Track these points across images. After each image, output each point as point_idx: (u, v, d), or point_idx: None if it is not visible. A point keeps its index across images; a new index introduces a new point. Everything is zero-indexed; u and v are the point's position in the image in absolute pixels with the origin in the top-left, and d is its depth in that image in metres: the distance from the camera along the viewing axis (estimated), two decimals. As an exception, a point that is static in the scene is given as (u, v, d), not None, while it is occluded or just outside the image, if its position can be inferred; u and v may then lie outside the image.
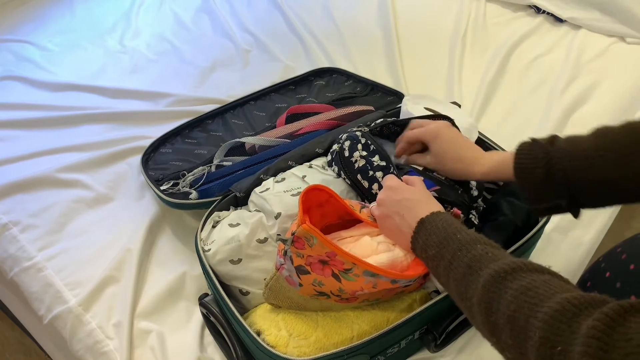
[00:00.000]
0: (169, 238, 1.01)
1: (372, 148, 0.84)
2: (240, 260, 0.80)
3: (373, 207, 0.74)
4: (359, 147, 0.85)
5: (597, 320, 0.42)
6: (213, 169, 1.03)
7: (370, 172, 0.83)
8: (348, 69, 1.31)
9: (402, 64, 1.39)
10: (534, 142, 0.67)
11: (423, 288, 0.79)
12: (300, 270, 0.68)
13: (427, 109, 0.98)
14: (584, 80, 1.31)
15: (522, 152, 0.67)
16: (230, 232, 0.81)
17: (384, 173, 0.82)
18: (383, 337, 0.70)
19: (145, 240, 0.98)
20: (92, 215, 1.05)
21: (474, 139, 0.95)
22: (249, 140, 1.05)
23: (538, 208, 0.68)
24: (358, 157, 0.84)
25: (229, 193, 0.89)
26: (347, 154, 0.85)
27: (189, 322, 0.89)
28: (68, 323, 0.89)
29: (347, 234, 0.75)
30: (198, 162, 1.07)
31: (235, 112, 1.21)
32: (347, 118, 1.07)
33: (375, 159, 0.83)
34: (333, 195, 0.74)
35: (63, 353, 1.07)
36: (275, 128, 1.10)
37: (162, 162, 1.08)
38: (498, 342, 0.51)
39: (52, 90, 1.35)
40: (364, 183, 0.83)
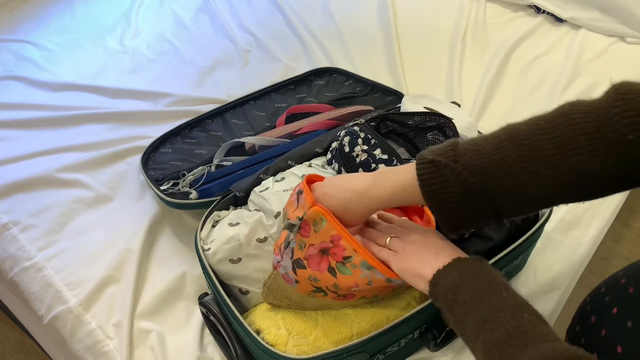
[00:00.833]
0: (169, 238, 1.01)
1: (372, 142, 0.84)
2: (240, 260, 0.80)
3: (392, 240, 0.66)
4: (359, 141, 0.84)
5: None
6: (213, 169, 1.03)
7: (373, 164, 0.82)
8: (348, 69, 1.31)
9: (402, 64, 1.39)
10: (434, 162, 0.57)
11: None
12: (297, 264, 0.68)
13: (427, 109, 0.98)
14: (584, 80, 1.31)
15: (425, 175, 0.58)
16: (230, 231, 0.81)
17: (387, 166, 0.82)
18: (382, 335, 0.70)
19: (145, 240, 0.98)
20: (92, 215, 1.05)
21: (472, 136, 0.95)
22: (249, 140, 1.05)
23: (460, 232, 0.61)
24: (359, 151, 0.84)
25: (229, 193, 0.89)
26: (347, 149, 0.85)
27: (189, 321, 0.89)
28: (68, 323, 0.89)
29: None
30: (198, 162, 1.07)
31: (235, 112, 1.21)
32: (346, 118, 1.07)
33: (377, 152, 0.83)
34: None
35: (63, 353, 1.07)
36: (275, 128, 1.10)
37: (162, 162, 1.09)
38: None
39: (52, 90, 1.35)
40: None
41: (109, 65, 1.45)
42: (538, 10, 1.55)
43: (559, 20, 1.51)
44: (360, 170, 0.83)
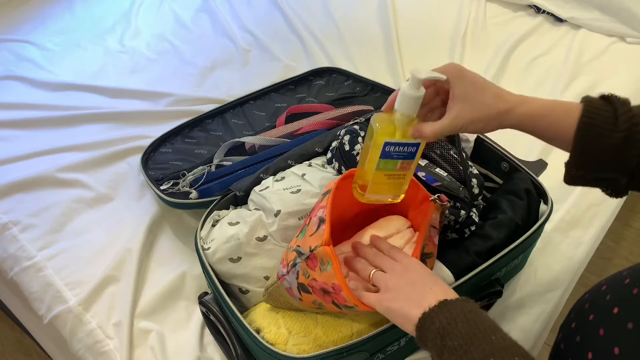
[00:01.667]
0: (169, 238, 1.01)
1: None
2: (240, 259, 0.80)
3: (375, 274, 0.64)
4: (359, 139, 0.84)
5: None
6: (213, 169, 1.03)
7: None
8: (348, 69, 1.31)
9: (402, 64, 1.39)
10: (610, 98, 0.56)
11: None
12: (302, 288, 0.68)
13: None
14: (584, 80, 1.31)
15: (593, 106, 0.56)
16: (230, 230, 0.81)
17: None
18: (382, 334, 0.69)
19: (145, 240, 0.98)
20: (92, 215, 1.05)
21: (474, 138, 0.95)
22: (249, 140, 1.05)
23: (585, 176, 0.58)
24: (360, 149, 0.84)
25: (229, 192, 0.89)
26: (347, 148, 0.85)
27: (189, 321, 0.89)
28: (68, 323, 0.89)
29: (347, 248, 0.72)
30: (198, 161, 1.07)
31: (235, 111, 1.21)
32: (346, 118, 1.07)
33: None
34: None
35: (63, 353, 1.07)
36: (275, 128, 1.10)
37: (162, 161, 1.09)
38: None
39: (52, 90, 1.35)
40: None
41: (109, 65, 1.45)
42: (538, 10, 1.55)
43: (559, 20, 1.51)
44: None
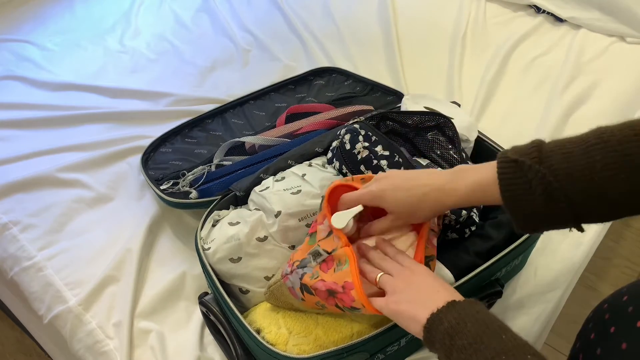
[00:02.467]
0: (169, 237, 1.01)
1: (373, 139, 0.84)
2: (240, 259, 0.80)
3: (382, 277, 0.65)
4: (360, 138, 0.84)
5: None
6: (213, 169, 1.03)
7: (375, 161, 0.82)
8: (348, 69, 1.31)
9: (402, 64, 1.39)
10: (518, 162, 0.56)
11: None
12: (305, 289, 0.68)
13: (427, 108, 0.98)
14: (584, 80, 1.31)
15: (507, 177, 0.57)
16: (230, 230, 0.81)
17: (389, 162, 0.82)
18: (383, 335, 0.69)
19: (145, 240, 0.98)
20: (92, 215, 1.05)
21: (474, 138, 0.95)
22: (249, 140, 1.05)
23: (536, 232, 0.61)
24: (361, 148, 0.83)
25: (229, 192, 0.89)
26: (348, 147, 0.85)
27: (189, 321, 0.89)
28: (68, 323, 0.89)
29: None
30: (198, 161, 1.07)
31: (235, 111, 1.21)
32: (346, 118, 1.07)
33: (379, 149, 0.83)
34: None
35: (63, 353, 1.07)
36: (275, 128, 1.10)
37: (162, 161, 1.09)
38: None
39: (52, 90, 1.35)
40: (368, 173, 0.82)
41: (109, 65, 1.45)
42: (538, 10, 1.55)
43: (559, 20, 1.51)
44: (362, 167, 0.83)
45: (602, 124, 0.57)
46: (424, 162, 0.90)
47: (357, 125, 0.87)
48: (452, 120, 0.90)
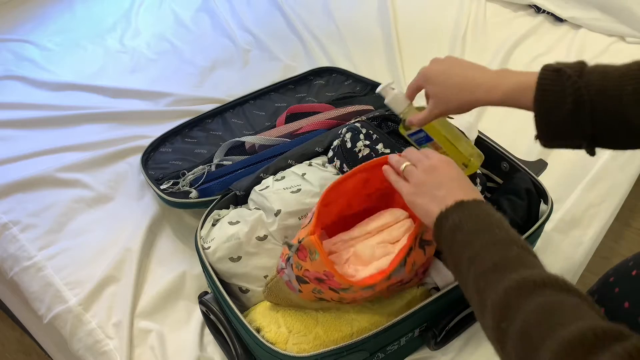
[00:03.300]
0: (169, 237, 1.01)
1: (374, 137, 0.84)
2: (240, 258, 0.80)
3: (407, 167, 0.67)
4: (361, 137, 0.84)
5: (616, 356, 0.39)
6: (213, 168, 1.03)
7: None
8: (348, 69, 1.31)
9: (402, 64, 1.39)
10: (560, 71, 0.59)
11: (422, 285, 0.79)
12: (300, 280, 0.68)
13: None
14: (584, 80, 1.31)
15: (545, 82, 0.60)
16: (230, 229, 0.81)
17: None
18: (382, 333, 0.70)
19: (145, 240, 0.98)
20: (92, 215, 1.05)
21: (474, 139, 0.95)
22: (249, 140, 1.05)
23: (552, 144, 0.63)
24: (362, 146, 0.84)
25: (229, 192, 0.89)
26: (349, 145, 0.85)
27: (189, 321, 0.89)
28: (68, 322, 0.89)
29: (347, 236, 0.74)
30: (198, 161, 1.07)
31: (235, 111, 1.21)
32: (346, 117, 1.07)
33: (380, 147, 0.83)
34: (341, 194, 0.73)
35: (63, 353, 1.07)
36: (275, 127, 1.10)
37: (162, 161, 1.08)
38: (502, 349, 0.48)
39: (52, 90, 1.35)
40: None
41: (109, 65, 1.45)
42: (538, 10, 1.55)
43: (559, 20, 1.51)
44: None
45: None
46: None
47: (358, 124, 0.87)
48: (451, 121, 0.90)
